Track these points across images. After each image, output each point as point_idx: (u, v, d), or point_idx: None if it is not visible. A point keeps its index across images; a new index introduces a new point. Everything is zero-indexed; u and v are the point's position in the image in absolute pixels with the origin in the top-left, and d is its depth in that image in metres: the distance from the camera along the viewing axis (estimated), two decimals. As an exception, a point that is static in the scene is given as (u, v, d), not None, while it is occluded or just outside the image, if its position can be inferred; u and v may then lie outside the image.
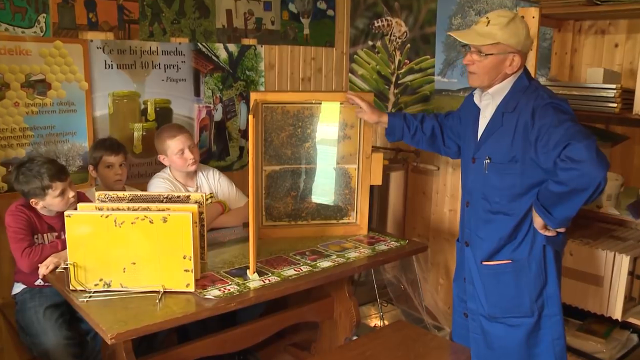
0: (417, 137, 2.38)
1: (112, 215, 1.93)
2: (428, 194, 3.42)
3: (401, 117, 2.40)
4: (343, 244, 2.51)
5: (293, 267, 2.22)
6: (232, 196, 2.78)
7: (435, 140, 2.36)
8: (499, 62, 1.91)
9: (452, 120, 2.33)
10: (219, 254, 2.34)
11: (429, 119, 2.38)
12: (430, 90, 3.31)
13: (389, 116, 2.41)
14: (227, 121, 3.27)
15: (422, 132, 2.37)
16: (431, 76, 3.29)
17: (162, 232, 1.93)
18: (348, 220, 2.67)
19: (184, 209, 2.01)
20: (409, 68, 3.42)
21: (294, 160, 2.58)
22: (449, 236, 3.33)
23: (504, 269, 1.99)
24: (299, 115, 2.55)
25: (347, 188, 2.65)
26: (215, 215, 2.63)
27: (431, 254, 3.40)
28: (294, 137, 2.56)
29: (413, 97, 3.42)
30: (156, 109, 2.99)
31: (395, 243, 2.53)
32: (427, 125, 2.37)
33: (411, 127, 2.38)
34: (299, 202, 2.63)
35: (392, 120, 2.41)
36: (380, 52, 3.58)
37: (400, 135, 2.40)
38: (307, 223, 2.64)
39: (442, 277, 3.40)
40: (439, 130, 2.35)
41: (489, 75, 1.94)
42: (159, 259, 1.95)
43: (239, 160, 3.36)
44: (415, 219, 3.50)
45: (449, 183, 3.31)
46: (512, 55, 1.91)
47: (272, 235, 2.59)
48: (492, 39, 1.89)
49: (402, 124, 2.39)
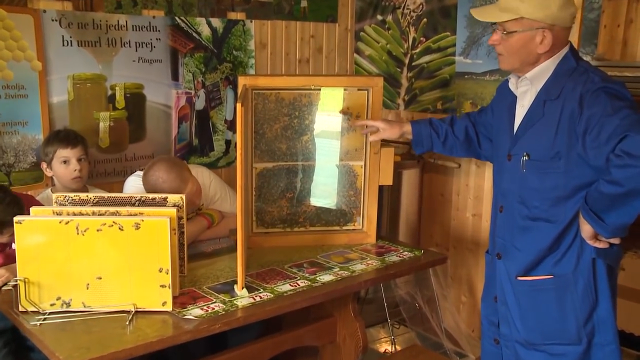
0: (449, 144, 2.41)
1: (73, 221, 1.92)
2: (447, 195, 3.43)
3: (427, 123, 2.42)
4: (347, 254, 2.53)
5: (288, 281, 2.22)
6: (225, 204, 2.79)
7: (471, 143, 2.38)
8: (527, 41, 1.91)
9: (485, 115, 2.34)
10: (202, 267, 2.34)
11: (461, 120, 2.40)
12: (450, 74, 3.31)
13: (412, 125, 2.44)
14: (210, 110, 3.27)
15: (454, 136, 2.39)
16: (451, 57, 3.28)
17: (134, 240, 1.93)
18: (353, 226, 2.68)
19: (161, 213, 2.00)
20: (425, 47, 3.42)
21: (290, 156, 2.59)
22: (472, 246, 3.33)
23: (544, 286, 1.99)
24: (296, 104, 2.55)
25: (352, 189, 2.65)
26: (198, 233, 2.63)
27: (451, 266, 3.41)
28: (289, 129, 2.57)
29: (430, 81, 3.42)
30: (126, 96, 2.97)
31: (409, 253, 2.54)
32: (459, 126, 2.39)
33: (440, 133, 2.40)
34: (295, 205, 2.63)
35: (417, 128, 2.43)
36: (392, 28, 3.59)
37: (429, 144, 2.42)
38: (305, 230, 2.65)
39: (465, 295, 3.40)
40: (473, 131, 2.37)
41: (517, 56, 1.94)
42: (130, 273, 1.95)
43: (225, 156, 3.35)
44: (433, 226, 3.51)
45: (472, 183, 3.31)
46: (542, 32, 1.90)
47: (264, 244, 2.59)
48: (514, 14, 1.89)
49: (428, 130, 2.41)
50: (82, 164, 2.62)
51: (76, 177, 2.60)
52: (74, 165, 2.59)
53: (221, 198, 2.79)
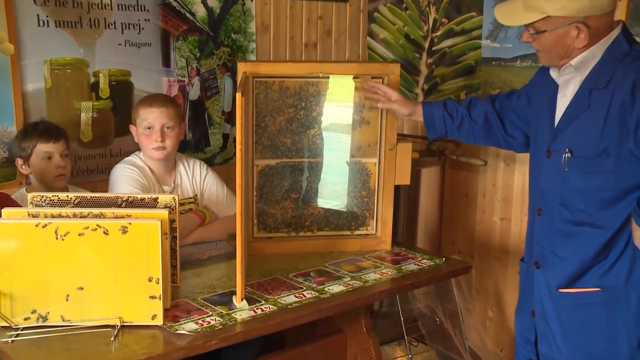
0: (465, 128, 2.41)
1: (51, 224, 1.92)
2: (472, 196, 3.43)
3: (440, 105, 2.44)
4: (359, 262, 2.53)
5: (293, 292, 2.23)
6: (221, 200, 2.81)
7: (492, 129, 2.38)
8: (560, 37, 1.94)
9: (517, 100, 2.34)
10: (196, 275, 2.35)
11: (481, 103, 2.41)
12: (475, 59, 3.31)
13: (423, 106, 2.45)
14: (206, 100, 3.28)
15: (470, 120, 2.40)
16: (477, 40, 3.29)
17: (120, 246, 1.93)
18: (366, 231, 2.69)
19: (150, 215, 2.00)
20: (448, 29, 3.42)
21: (295, 152, 2.60)
22: (500, 254, 3.33)
23: (590, 300, 1.99)
24: (302, 94, 2.56)
25: (364, 189, 2.66)
26: (190, 229, 2.65)
27: (477, 277, 3.42)
28: (294, 122, 2.58)
29: (453, 68, 3.42)
30: (111, 83, 2.98)
31: (429, 262, 2.55)
32: (478, 110, 2.39)
33: (455, 116, 2.41)
34: (301, 207, 2.64)
35: (429, 110, 2.44)
36: (410, 8, 3.59)
37: (442, 128, 2.44)
38: (312, 235, 2.67)
39: (492, 309, 3.40)
40: (495, 116, 2.37)
41: (554, 53, 1.98)
42: (116, 283, 1.95)
43: (222, 151, 3.36)
44: (455, 231, 3.52)
45: (500, 182, 3.31)
46: (575, 26, 1.92)
47: (266, 250, 2.61)
48: (540, 13, 1.92)
49: (441, 112, 2.42)
50: (66, 160, 2.64)
51: (60, 175, 2.61)
52: (57, 161, 2.60)
53: (217, 196, 2.80)
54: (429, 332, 3.37)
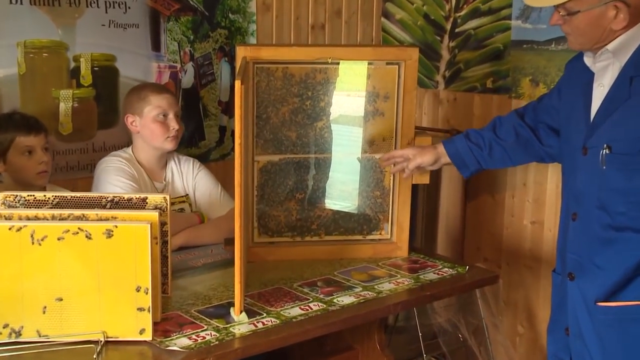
0: (497, 153, 2.43)
1: (27, 227, 1.91)
2: (499, 197, 3.44)
3: (462, 138, 2.47)
4: (372, 270, 2.54)
5: (298, 304, 2.23)
6: (214, 200, 2.83)
7: (527, 143, 2.39)
8: (596, 18, 1.94)
9: (549, 100, 2.35)
10: (190, 285, 2.36)
11: (507, 120, 2.44)
12: (504, 43, 3.31)
13: (445, 145, 2.49)
14: (201, 89, 3.29)
15: (499, 141, 2.42)
16: (506, 21, 3.29)
17: (104, 252, 1.93)
18: (380, 235, 2.71)
19: (139, 217, 2.00)
20: (473, 8, 3.43)
21: (301, 147, 2.61)
22: (531, 262, 3.33)
23: (634, 315, 1.99)
24: (308, 81, 2.57)
25: (378, 188, 2.67)
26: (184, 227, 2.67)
27: (505, 288, 3.41)
28: (300, 114, 2.59)
29: (478, 52, 3.42)
30: (93, 69, 2.98)
31: (450, 270, 2.56)
32: (505, 127, 2.41)
33: (482, 144, 2.43)
34: (307, 208, 2.66)
35: (452, 147, 2.48)
36: (429, -16, 3.60)
37: (474, 162, 2.46)
38: (319, 240, 2.68)
39: (523, 324, 3.40)
40: (526, 129, 2.38)
41: (588, 36, 1.98)
42: (100, 293, 1.95)
43: (218, 146, 3.37)
44: (480, 236, 3.52)
45: (531, 181, 3.31)
46: (613, 5, 1.92)
47: (267, 257, 2.62)
48: None
49: (465, 145, 2.45)
50: (48, 155, 2.63)
51: (43, 172, 2.61)
52: (39, 156, 2.60)
53: (210, 196, 2.82)
54: (450, 350, 3.37)
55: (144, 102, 2.70)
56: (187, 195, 2.81)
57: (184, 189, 2.81)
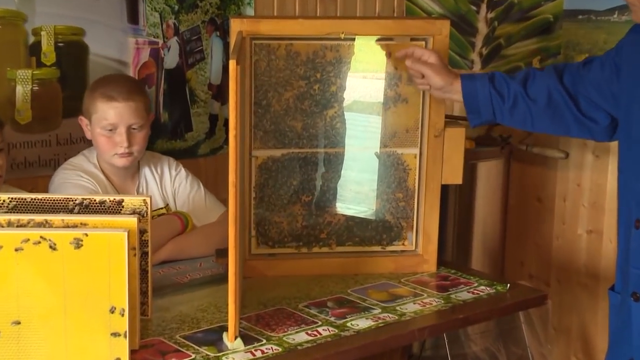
0: (519, 111, 2.40)
1: None
2: (548, 201, 3.45)
3: (485, 79, 2.42)
4: (393, 288, 2.54)
5: (305, 328, 2.23)
6: (198, 204, 2.83)
7: (558, 110, 2.37)
8: None
9: (600, 70, 2.32)
10: (174, 305, 2.36)
11: (542, 77, 2.39)
12: (555, 13, 3.33)
13: (462, 80, 2.43)
14: (187, 69, 3.29)
15: (527, 99, 2.38)
16: (557, -14, 3.30)
17: (72, 265, 1.91)
18: (402, 246, 2.71)
19: (113, 223, 2.00)
20: (515, -28, 3.44)
21: (308, 139, 2.62)
22: (587, 279, 3.34)
23: None
24: (317, 61, 2.57)
25: (400, 189, 2.68)
26: (168, 237, 2.67)
27: (555, 310, 3.42)
28: (307, 100, 2.59)
29: (523, 25, 3.44)
30: (57, 45, 2.99)
31: (488, 289, 2.56)
32: (538, 86, 2.38)
33: (507, 95, 2.39)
34: (315, 213, 2.66)
35: (470, 85, 2.42)
36: (463, -57, 3.61)
37: (489, 111, 2.42)
38: (329, 251, 2.68)
39: (577, 355, 3.40)
40: (563, 94, 2.36)
41: None
42: (65, 315, 1.93)
43: (208, 139, 3.38)
44: (525, 247, 3.53)
45: (587, 182, 3.32)
46: None
47: (267, 271, 2.62)
48: None
49: (487, 89, 2.41)
50: (2, 157, 2.61)
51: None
52: None
53: (193, 200, 2.82)
54: (488, 385, 3.39)
55: (92, 107, 2.67)
56: (168, 206, 2.81)
57: (163, 197, 2.81)
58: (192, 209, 2.80)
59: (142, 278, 2.14)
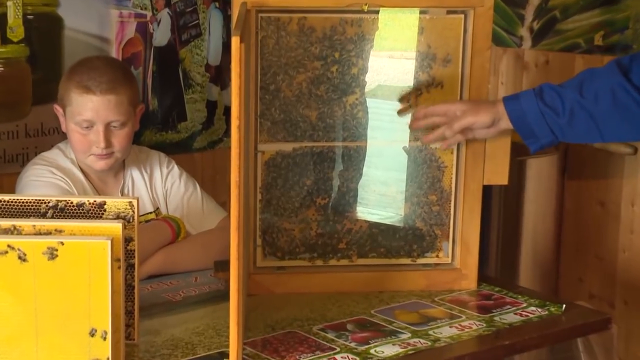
0: (580, 122, 2.40)
1: None
2: (612, 206, 3.46)
3: (531, 95, 2.44)
4: (425, 309, 2.55)
5: (320, 355, 2.22)
6: (194, 210, 2.84)
7: (628, 112, 2.36)
8: None
9: None
10: (165, 328, 2.36)
11: (602, 75, 2.40)
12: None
13: (505, 103, 2.45)
14: (181, 47, 3.32)
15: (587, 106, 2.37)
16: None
17: (45, 279, 1.92)
18: (436, 258, 2.72)
19: (94, 230, 2.00)
20: None
21: (324, 131, 2.63)
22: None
23: None
24: (335, 38, 2.57)
25: (434, 191, 2.68)
26: (156, 246, 2.69)
27: (621, 337, 3.40)
28: (323, 84, 2.59)
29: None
30: (26, 18, 3.02)
31: (539, 310, 2.56)
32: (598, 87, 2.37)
33: (561, 109, 2.40)
34: (332, 219, 2.67)
35: (514, 106, 2.44)
36: None
37: (547, 132, 2.44)
38: (349, 264, 2.69)
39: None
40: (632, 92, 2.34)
41: None
42: (37, 338, 1.94)
43: (205, 130, 3.42)
44: (584, 261, 3.54)
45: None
46: None
47: (275, 288, 2.64)
48: None
49: (534, 107, 2.42)
50: None
51: None
52: None
53: (188, 203, 2.84)
54: None
55: (67, 98, 2.67)
56: (158, 210, 2.83)
57: (152, 200, 2.83)
58: (186, 214, 2.82)
59: (127, 295, 2.14)
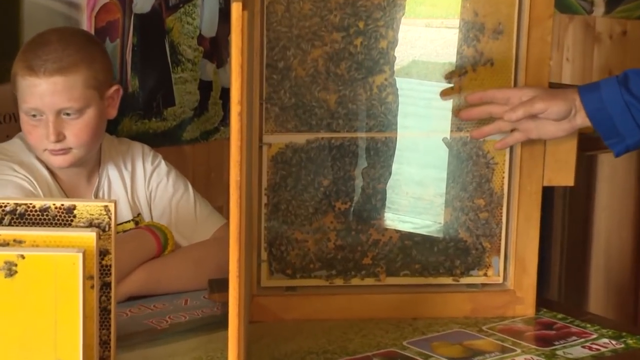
0: None
1: None
2: None
3: (614, 84, 2.46)
4: (471, 339, 2.57)
5: None
6: (185, 216, 2.88)
7: None
8: None
9: None
10: None
11: None
12: None
13: (581, 94, 2.48)
14: (167, 15, 3.34)
15: None
16: None
17: (2, 301, 1.94)
18: (484, 277, 2.74)
19: (62, 241, 2.02)
20: None
21: (344, 119, 2.64)
22: None
23: None
24: (358, 4, 2.59)
25: (481, 194, 2.71)
26: (137, 261, 2.71)
27: None
28: (343, 61, 2.61)
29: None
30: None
31: (613, 343, 2.57)
32: None
33: None
34: (354, 228, 2.68)
35: (592, 98, 2.47)
36: None
37: (635, 129, 2.45)
38: (376, 284, 2.71)
39: None
40: None
41: None
42: None
43: (198, 117, 3.45)
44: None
45: None
46: None
47: (284, 313, 2.66)
48: None
49: (618, 98, 2.44)
50: None
51: None
52: None
53: (177, 207, 2.88)
54: None
55: (15, 80, 2.69)
56: (140, 216, 2.86)
57: (133, 205, 2.86)
58: (175, 221, 2.84)
59: (102, 321, 2.15)
